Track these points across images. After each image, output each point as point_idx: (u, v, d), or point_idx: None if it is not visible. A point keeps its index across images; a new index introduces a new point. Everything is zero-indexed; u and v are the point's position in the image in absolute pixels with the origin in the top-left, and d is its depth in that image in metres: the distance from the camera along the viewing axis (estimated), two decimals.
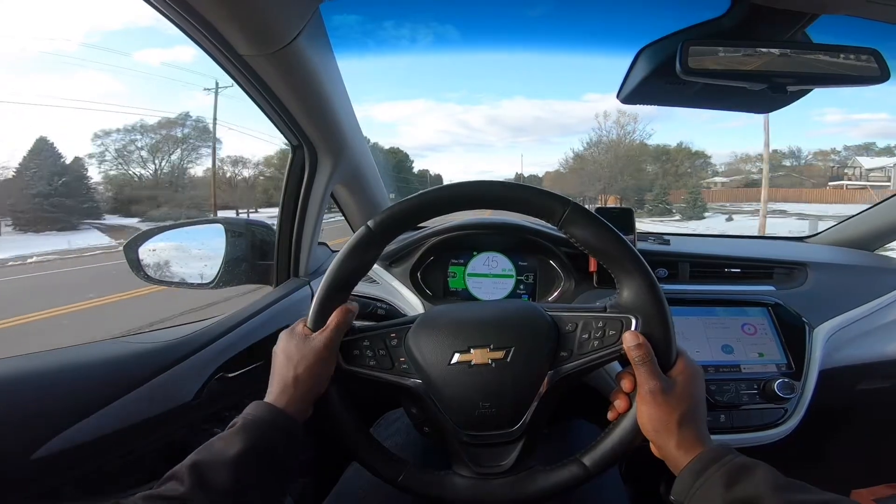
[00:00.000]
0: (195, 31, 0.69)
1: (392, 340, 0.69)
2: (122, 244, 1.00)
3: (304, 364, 0.64)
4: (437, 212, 0.68)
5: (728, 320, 1.17)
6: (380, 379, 0.68)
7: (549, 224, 0.66)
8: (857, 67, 0.77)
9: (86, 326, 5.54)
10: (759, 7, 0.76)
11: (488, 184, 0.67)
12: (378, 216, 0.67)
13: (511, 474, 0.65)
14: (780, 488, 0.50)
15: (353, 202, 1.37)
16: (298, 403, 0.63)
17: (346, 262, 0.67)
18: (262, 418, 0.60)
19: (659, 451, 0.62)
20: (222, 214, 13.43)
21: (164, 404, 0.81)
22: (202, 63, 23.75)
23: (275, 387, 0.65)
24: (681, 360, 0.64)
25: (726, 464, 0.54)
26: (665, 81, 0.92)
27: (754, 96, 0.87)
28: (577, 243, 0.65)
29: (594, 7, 1.00)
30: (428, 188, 0.68)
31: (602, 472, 0.64)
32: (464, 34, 1.06)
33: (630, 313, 0.64)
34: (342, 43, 0.89)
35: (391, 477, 0.67)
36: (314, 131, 1.02)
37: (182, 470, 0.53)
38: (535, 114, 74.53)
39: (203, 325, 0.93)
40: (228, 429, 0.59)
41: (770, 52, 0.77)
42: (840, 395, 1.29)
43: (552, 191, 0.67)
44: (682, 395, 0.60)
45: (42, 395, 0.69)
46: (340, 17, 0.85)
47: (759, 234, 13.66)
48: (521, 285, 1.30)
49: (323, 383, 0.66)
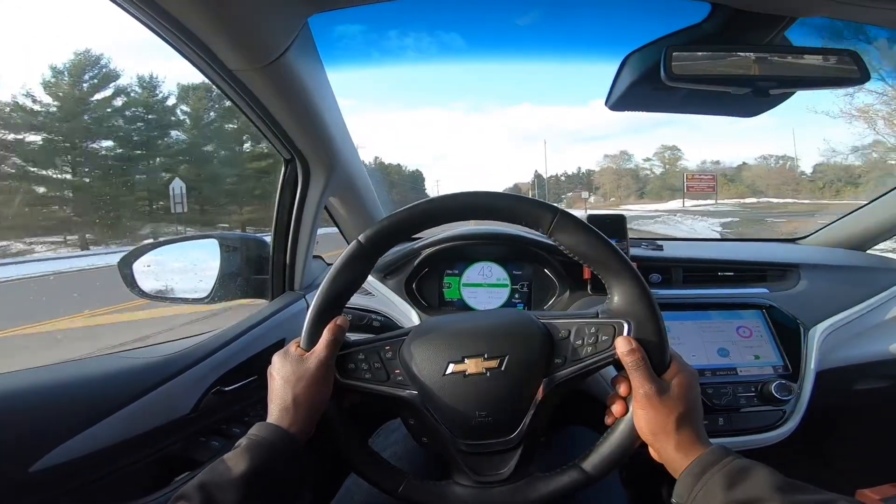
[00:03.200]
0: (184, 47, 0.70)
1: (387, 353, 0.69)
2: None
3: (302, 385, 0.64)
4: (425, 224, 0.68)
5: (723, 323, 1.18)
6: (376, 392, 0.68)
7: (539, 233, 0.66)
8: (838, 69, 0.78)
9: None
10: (738, 12, 0.78)
11: (475, 195, 0.68)
12: (368, 230, 0.67)
13: (511, 482, 0.65)
14: (780, 489, 0.51)
15: (347, 214, 1.38)
16: (301, 423, 0.63)
17: (338, 278, 0.67)
18: (267, 438, 0.60)
19: (657, 454, 0.62)
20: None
21: (162, 418, 0.81)
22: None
23: (275, 408, 0.65)
24: (674, 363, 0.64)
25: (726, 465, 0.54)
26: (652, 87, 0.93)
27: (739, 101, 0.88)
28: (566, 250, 0.66)
29: (580, 15, 1.02)
30: (418, 200, 0.69)
31: (602, 478, 0.64)
32: (450, 44, 1.07)
33: (622, 318, 0.64)
34: (332, 55, 0.91)
35: (391, 489, 0.67)
36: (306, 144, 1.03)
37: (190, 490, 0.54)
38: (543, 120, 75.30)
39: (199, 339, 0.93)
40: (234, 449, 0.60)
41: (751, 56, 0.78)
42: (837, 396, 1.29)
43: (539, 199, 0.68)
44: (677, 398, 0.60)
45: (41, 409, 0.69)
46: (328, 30, 0.86)
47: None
48: (516, 294, 1.30)
49: (323, 401, 0.66)
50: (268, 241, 1.17)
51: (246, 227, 24.22)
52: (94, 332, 5.71)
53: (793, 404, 1.07)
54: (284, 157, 1.09)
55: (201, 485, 0.55)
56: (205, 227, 24.00)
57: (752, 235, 14.58)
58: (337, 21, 0.87)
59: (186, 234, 1.10)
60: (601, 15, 1.00)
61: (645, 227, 20.57)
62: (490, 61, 1.19)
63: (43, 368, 0.77)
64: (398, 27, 0.97)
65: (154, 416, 0.79)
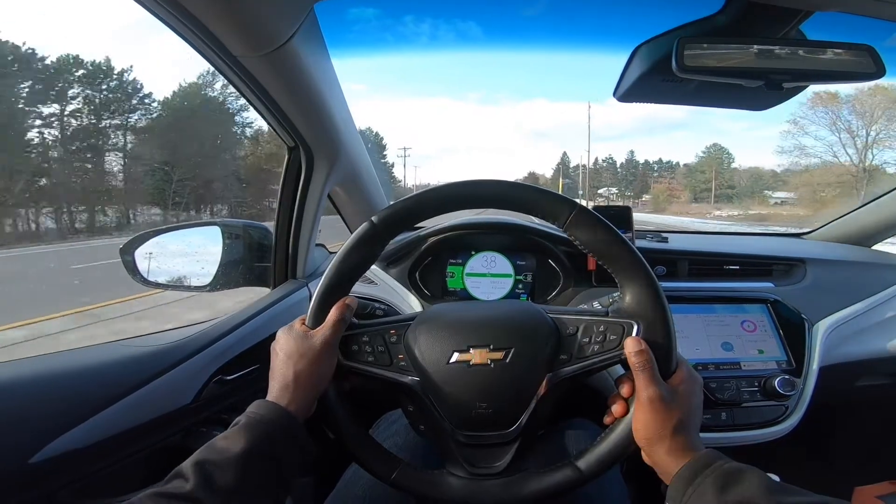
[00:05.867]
0: (188, 32, 0.69)
1: (391, 337, 0.69)
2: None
3: (304, 362, 0.63)
4: (440, 209, 0.67)
5: (727, 317, 1.17)
6: (377, 375, 0.68)
7: (554, 225, 0.66)
8: (853, 63, 0.77)
9: None
10: (754, 4, 0.76)
11: (494, 183, 0.67)
12: (382, 212, 0.66)
13: (504, 476, 0.65)
14: (772, 491, 0.51)
15: (350, 203, 1.37)
16: (300, 401, 0.63)
17: (348, 258, 0.67)
18: (265, 416, 0.60)
19: (649, 457, 0.62)
20: None
21: (163, 407, 0.81)
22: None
23: (275, 385, 0.64)
24: (681, 368, 0.63)
25: (718, 469, 0.54)
26: (661, 79, 0.92)
27: (751, 93, 0.87)
28: (581, 246, 0.65)
29: (589, 5, 1.00)
30: (431, 186, 0.68)
31: (595, 477, 0.64)
32: (459, 33, 1.06)
33: (632, 319, 0.63)
34: (340, 41, 0.89)
35: (384, 474, 0.66)
36: (310, 133, 1.02)
37: (187, 468, 0.53)
38: (558, 116, 74.58)
39: (201, 327, 0.93)
40: (232, 427, 0.59)
41: (765, 49, 0.77)
42: (840, 392, 1.29)
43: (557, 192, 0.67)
44: (679, 404, 0.60)
45: (41, 399, 0.69)
46: (336, 16, 0.85)
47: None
48: (519, 285, 1.30)
49: (324, 380, 0.65)
50: (270, 229, 1.17)
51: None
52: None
53: (795, 400, 1.06)
54: (288, 145, 1.08)
55: (198, 462, 0.54)
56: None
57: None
58: (348, 4, 0.85)
59: (189, 222, 1.09)
60: (611, 7, 0.98)
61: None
62: (502, 50, 1.17)
63: (42, 358, 0.76)
64: (402, 13, 0.95)
65: (155, 406, 0.79)
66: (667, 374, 0.62)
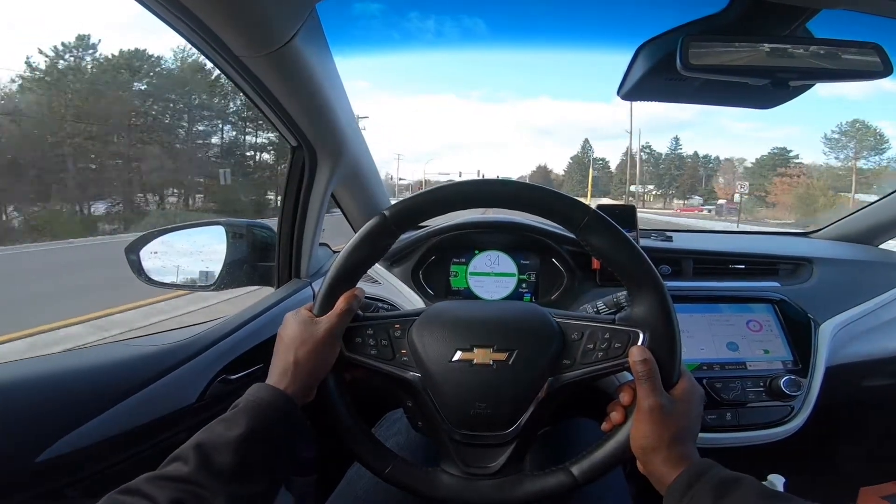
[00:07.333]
0: (190, 32, 0.69)
1: (395, 332, 0.69)
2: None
3: (306, 348, 0.64)
4: (452, 206, 0.67)
5: (733, 317, 1.17)
6: (379, 369, 0.68)
7: (567, 229, 0.65)
8: (860, 62, 0.76)
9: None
10: (760, 2, 0.75)
11: (509, 183, 0.67)
12: (393, 206, 0.66)
13: (498, 477, 0.65)
14: (766, 498, 0.51)
15: (353, 203, 1.37)
16: (299, 386, 0.63)
17: (358, 249, 0.67)
18: (264, 399, 0.60)
19: (644, 466, 0.61)
20: None
21: (167, 407, 0.81)
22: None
23: (276, 369, 0.65)
24: (683, 380, 0.63)
25: (713, 478, 0.54)
26: (666, 77, 0.91)
27: (756, 92, 0.86)
28: (592, 252, 0.65)
29: (593, 3, 1.00)
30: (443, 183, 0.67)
31: (589, 483, 0.64)
32: (464, 29, 1.05)
33: (639, 328, 0.63)
34: (343, 38, 0.89)
35: (379, 469, 0.67)
36: (313, 132, 1.02)
37: (186, 450, 0.54)
38: (561, 115, 74.06)
39: (205, 327, 0.93)
40: (230, 410, 0.60)
41: (771, 47, 0.76)
42: (846, 393, 1.28)
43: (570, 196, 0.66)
44: (679, 415, 0.60)
45: (47, 398, 0.69)
46: (339, 14, 0.85)
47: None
48: (523, 284, 1.29)
49: (324, 368, 0.66)
50: (274, 229, 1.17)
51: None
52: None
53: (801, 400, 1.06)
54: (291, 145, 1.08)
55: (197, 445, 0.54)
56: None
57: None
58: (345, 7, 0.85)
59: (193, 221, 1.10)
60: (615, 5, 0.98)
61: None
62: (506, 48, 1.17)
63: (48, 357, 0.77)
64: (407, 9, 0.95)
65: (159, 406, 0.79)
66: (669, 384, 0.62)
